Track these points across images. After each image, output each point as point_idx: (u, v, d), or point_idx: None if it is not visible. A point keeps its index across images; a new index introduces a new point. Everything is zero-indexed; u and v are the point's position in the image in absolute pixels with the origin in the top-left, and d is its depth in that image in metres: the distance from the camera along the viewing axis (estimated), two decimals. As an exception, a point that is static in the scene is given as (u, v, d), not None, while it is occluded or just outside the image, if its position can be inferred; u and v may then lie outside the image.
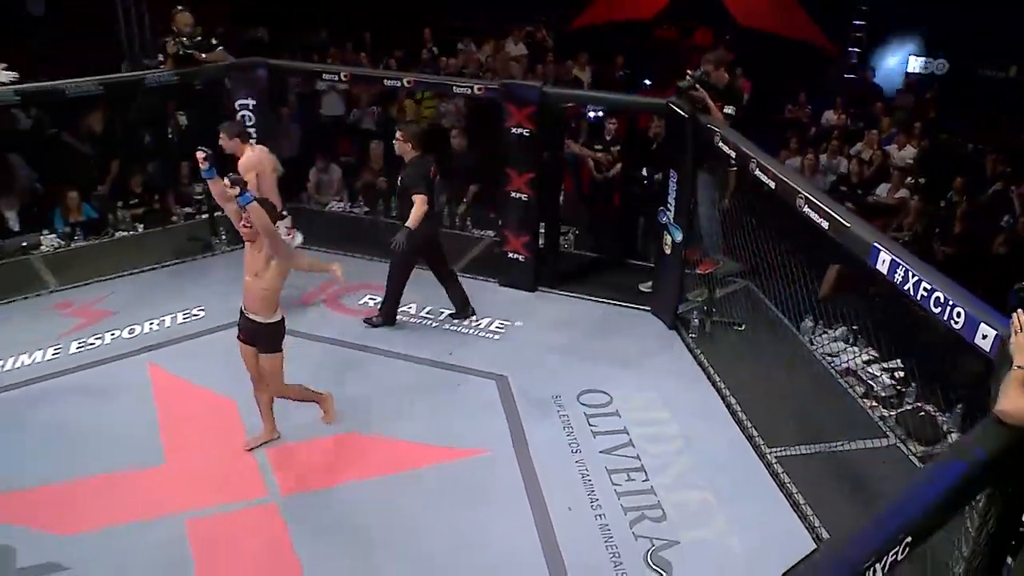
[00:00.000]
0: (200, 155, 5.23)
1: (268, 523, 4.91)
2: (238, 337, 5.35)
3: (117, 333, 6.92)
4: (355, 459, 5.47)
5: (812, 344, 6.72)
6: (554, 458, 5.48)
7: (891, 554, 2.23)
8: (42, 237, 8.51)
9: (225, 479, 5.26)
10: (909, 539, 2.28)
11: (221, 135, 6.88)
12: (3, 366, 6.38)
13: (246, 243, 5.15)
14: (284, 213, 7.01)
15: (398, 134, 6.89)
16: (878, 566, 2.19)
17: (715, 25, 13.34)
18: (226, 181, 5.01)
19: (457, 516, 4.98)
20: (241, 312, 5.27)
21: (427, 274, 7.14)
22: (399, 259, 6.83)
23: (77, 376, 6.31)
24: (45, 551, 4.67)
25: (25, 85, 7.39)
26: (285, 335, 5.34)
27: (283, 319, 5.30)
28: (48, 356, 6.55)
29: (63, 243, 8.54)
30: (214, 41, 8.22)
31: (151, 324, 7.05)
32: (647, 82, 12.36)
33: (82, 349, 6.69)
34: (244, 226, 5.04)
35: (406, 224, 6.48)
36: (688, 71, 6.60)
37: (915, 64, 13.59)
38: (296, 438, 5.63)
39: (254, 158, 6.99)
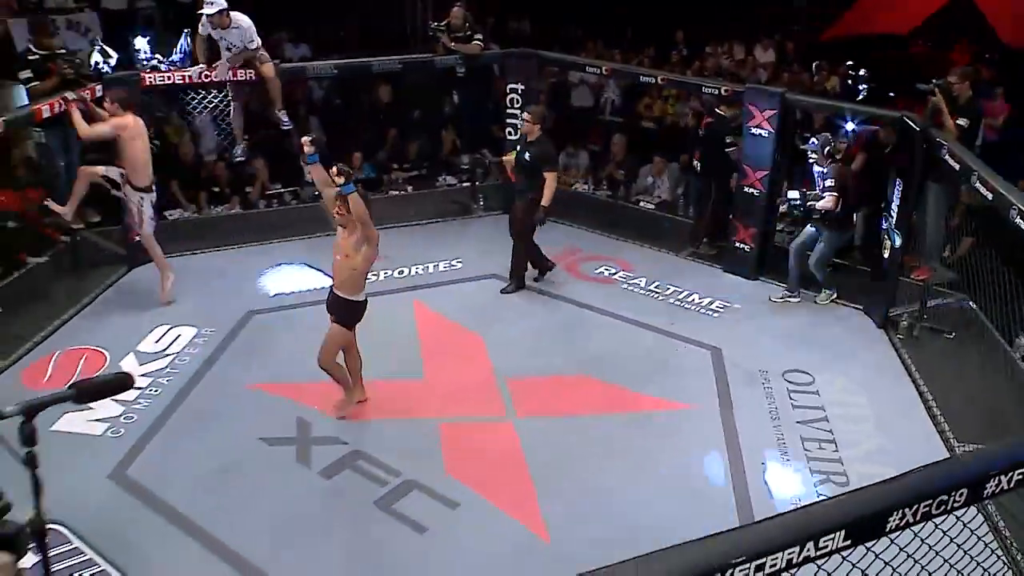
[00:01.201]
0: (306, 140, 5.81)
1: (504, 436, 5.92)
2: (328, 309, 5.88)
3: (389, 273, 8.21)
4: (582, 397, 6.40)
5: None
6: (754, 421, 6.16)
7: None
8: (330, 190, 10.00)
9: (471, 397, 6.35)
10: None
11: (525, 115, 7.87)
12: (300, 288, 7.81)
13: (338, 227, 5.67)
14: None
15: (526, 115, 7.77)
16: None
17: (977, 44, 13.08)
18: (334, 170, 5.45)
19: (660, 454, 5.78)
20: (330, 289, 5.85)
21: (665, 254, 7.96)
22: (527, 230, 7.78)
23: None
24: (332, 429, 5.93)
25: (339, 61, 8.86)
26: (363, 317, 5.84)
27: (365, 300, 5.78)
28: (334, 284, 7.92)
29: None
30: (469, 34, 9.34)
31: (417, 269, 8.33)
32: (891, 94, 12.42)
33: (361, 282, 8.00)
34: (338, 212, 5.54)
35: (542, 203, 7.54)
36: (934, 79, 7.01)
37: None
38: (535, 372, 6.63)
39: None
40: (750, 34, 12.99)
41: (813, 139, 7.45)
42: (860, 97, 8.82)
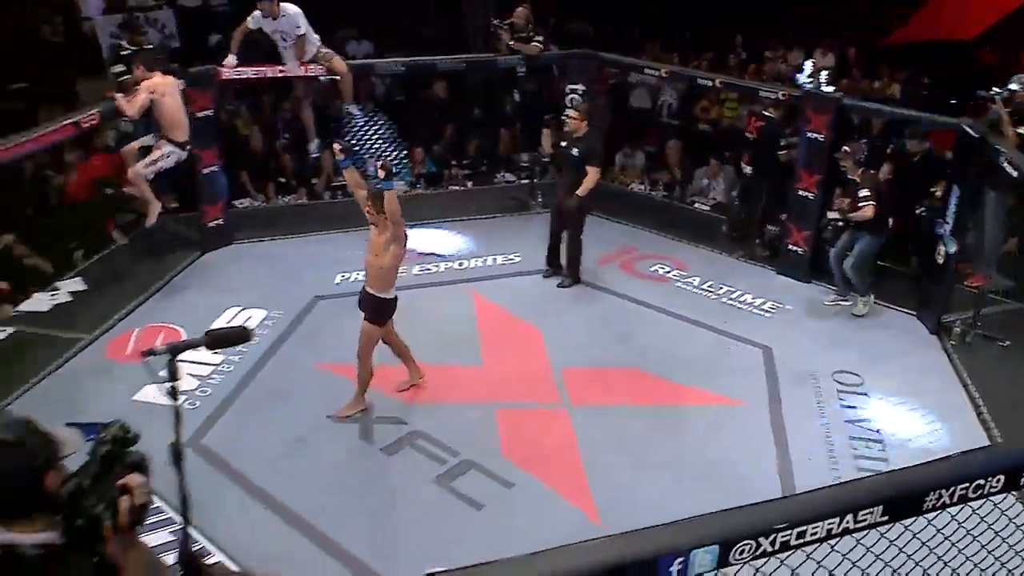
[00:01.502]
0: (337, 146, 6.04)
1: (559, 423, 6.18)
2: (359, 306, 6.04)
3: (450, 265, 8.49)
4: (635, 389, 6.63)
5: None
6: (802, 418, 6.32)
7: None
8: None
9: (527, 384, 6.61)
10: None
11: (572, 112, 8.09)
12: (361, 277, 8.08)
13: (371, 225, 5.85)
14: None
15: (572, 112, 7.93)
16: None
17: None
18: (379, 164, 5.76)
19: (709, 446, 5.97)
20: (363, 287, 6.00)
21: (718, 255, 8.16)
22: (578, 224, 7.95)
23: (417, 291, 7.89)
24: (394, 409, 6.24)
25: (406, 59, 9.19)
26: (395, 312, 6.05)
27: (395, 298, 5.98)
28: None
29: (407, 189, 10.29)
30: (531, 34, 9.54)
31: (476, 262, 8.60)
32: (953, 101, 12.39)
33: (421, 273, 8.31)
34: (368, 212, 5.73)
35: (578, 192, 7.72)
36: (995, 86, 7.08)
37: None
38: (589, 364, 6.88)
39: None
40: (810, 39, 13.03)
41: (845, 147, 7.51)
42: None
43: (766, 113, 8.68)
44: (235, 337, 2.53)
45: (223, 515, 5.11)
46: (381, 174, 5.63)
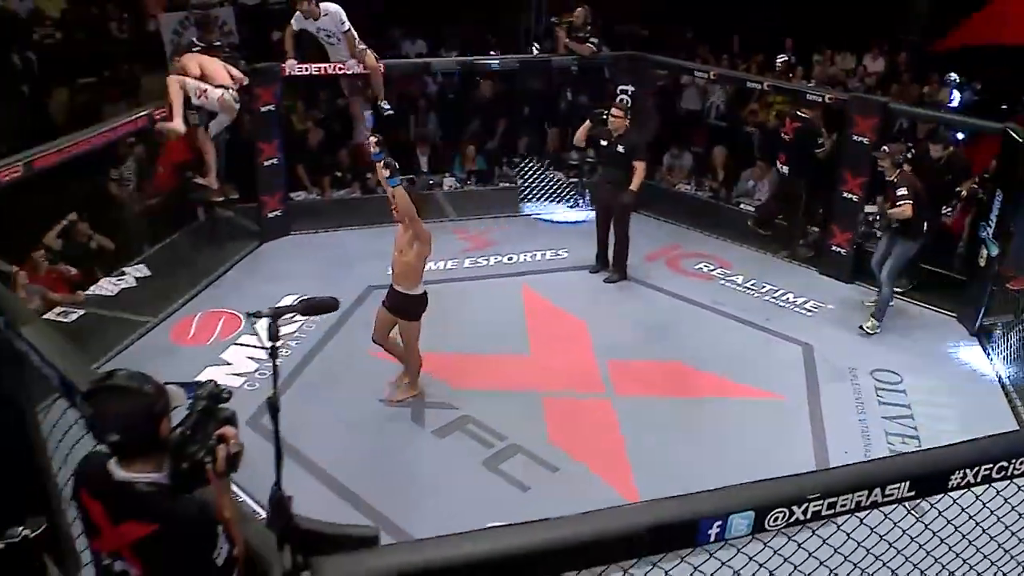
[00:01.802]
0: (372, 139, 5.98)
1: (603, 411, 6.41)
2: (383, 303, 6.21)
3: (500, 258, 8.80)
4: (677, 382, 6.85)
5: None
6: (840, 413, 6.49)
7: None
8: (445, 178, 10.60)
9: (573, 374, 6.86)
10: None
11: (615, 111, 8.29)
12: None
13: (398, 223, 5.93)
14: None
15: (615, 111, 8.10)
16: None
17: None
18: (380, 164, 5.69)
19: (748, 437, 6.15)
20: (391, 284, 6.11)
21: (762, 254, 8.30)
22: (626, 221, 8.16)
23: (469, 283, 8.21)
24: (442, 394, 6.52)
25: (463, 59, 9.47)
26: (426, 309, 6.15)
27: (424, 293, 6.08)
28: (448, 266, 8.52)
29: (459, 185, 10.57)
30: (587, 35, 9.74)
31: (525, 255, 8.88)
32: (1004, 107, 12.35)
33: (472, 266, 8.61)
34: (394, 209, 5.78)
35: (631, 188, 7.94)
36: None
37: None
38: (633, 356, 7.11)
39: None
40: (861, 43, 13.06)
41: (885, 147, 7.54)
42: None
43: (800, 113, 8.79)
44: (326, 305, 2.80)
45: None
46: (386, 173, 5.66)
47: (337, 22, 8.53)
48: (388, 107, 9.10)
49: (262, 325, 2.36)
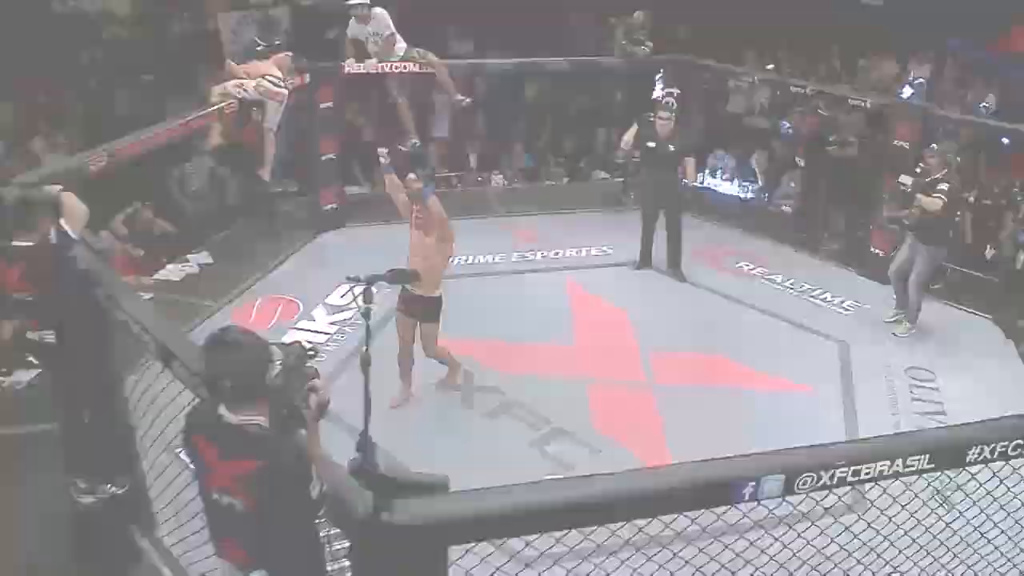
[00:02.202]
0: (383, 152, 6.42)
1: (644, 399, 6.72)
2: (401, 312, 6.34)
3: (546, 253, 9.14)
4: (716, 373, 7.13)
5: None
6: (874, 409, 6.71)
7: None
8: (493, 176, 10.95)
9: (616, 363, 7.17)
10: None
11: (663, 113, 8.53)
12: (468, 260, 8.71)
13: (414, 229, 6.11)
14: None
15: (663, 114, 8.34)
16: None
17: None
18: (413, 176, 6.03)
19: (784, 427, 6.33)
20: (404, 287, 6.15)
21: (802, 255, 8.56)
22: (679, 219, 8.51)
23: (516, 277, 8.51)
24: (490, 380, 6.85)
25: (516, 60, 9.84)
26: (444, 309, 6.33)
27: (441, 295, 6.26)
28: (496, 260, 8.89)
29: (507, 182, 10.91)
30: (642, 38, 10.00)
31: (571, 251, 9.23)
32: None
33: (520, 260, 8.96)
34: (417, 215, 6.03)
35: (686, 179, 8.32)
36: None
37: None
38: (674, 348, 7.40)
39: None
40: (908, 49, 13.08)
41: (934, 143, 7.64)
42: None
43: (820, 111, 8.99)
44: (409, 275, 3.24)
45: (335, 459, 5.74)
46: (418, 186, 5.96)
47: (383, 25, 8.89)
48: (461, 99, 9.35)
49: (358, 290, 2.72)
